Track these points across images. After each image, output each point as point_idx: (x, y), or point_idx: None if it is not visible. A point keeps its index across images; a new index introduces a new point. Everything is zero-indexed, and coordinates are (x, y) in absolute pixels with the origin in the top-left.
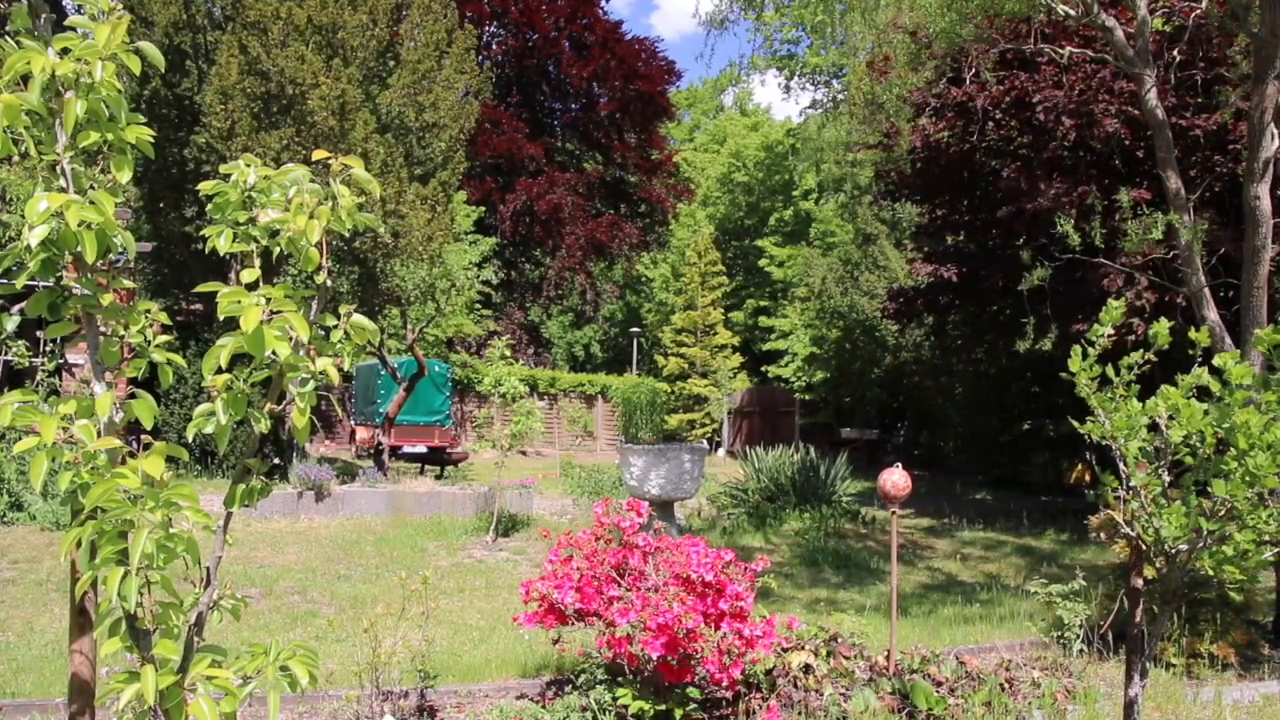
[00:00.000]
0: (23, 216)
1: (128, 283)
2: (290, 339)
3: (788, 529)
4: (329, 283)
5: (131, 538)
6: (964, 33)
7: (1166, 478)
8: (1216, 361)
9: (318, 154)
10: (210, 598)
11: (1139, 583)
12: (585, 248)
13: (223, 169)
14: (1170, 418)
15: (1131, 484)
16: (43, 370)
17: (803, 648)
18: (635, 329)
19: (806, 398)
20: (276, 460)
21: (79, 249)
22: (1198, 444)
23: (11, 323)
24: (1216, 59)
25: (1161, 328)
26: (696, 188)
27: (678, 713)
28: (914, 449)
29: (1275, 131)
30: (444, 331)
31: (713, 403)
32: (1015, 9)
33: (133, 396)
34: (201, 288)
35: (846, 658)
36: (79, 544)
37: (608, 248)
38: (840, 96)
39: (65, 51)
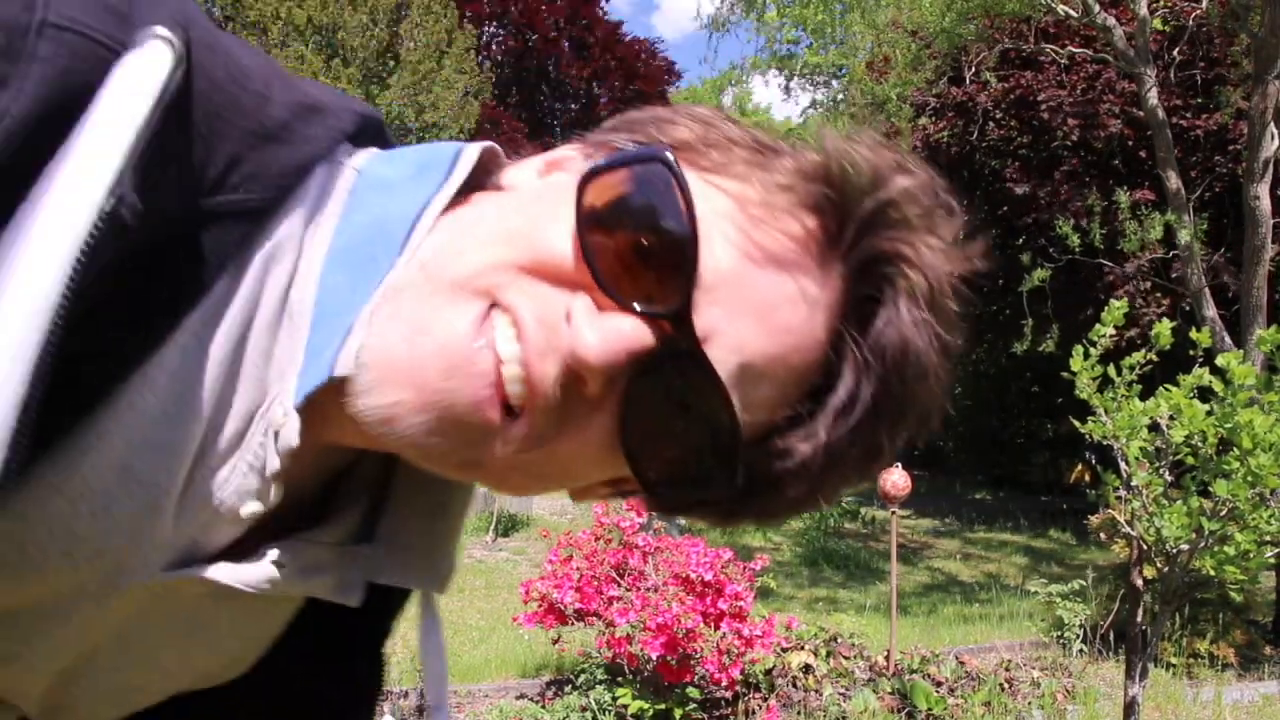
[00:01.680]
0: None
1: None
2: None
3: (788, 528)
4: None
5: None
6: (965, 32)
7: (1168, 477)
8: (1219, 362)
9: None
10: None
11: (1139, 583)
12: None
13: None
14: (1172, 418)
15: (1133, 484)
16: None
17: (802, 648)
18: None
19: None
20: None
21: None
22: (1199, 444)
23: None
24: (1217, 59)
25: (1164, 328)
26: None
27: (677, 713)
28: (914, 449)
29: (1275, 131)
30: None
31: None
32: (1016, 9)
33: None
34: None
35: (846, 658)
36: None
37: None
38: (840, 97)
39: None
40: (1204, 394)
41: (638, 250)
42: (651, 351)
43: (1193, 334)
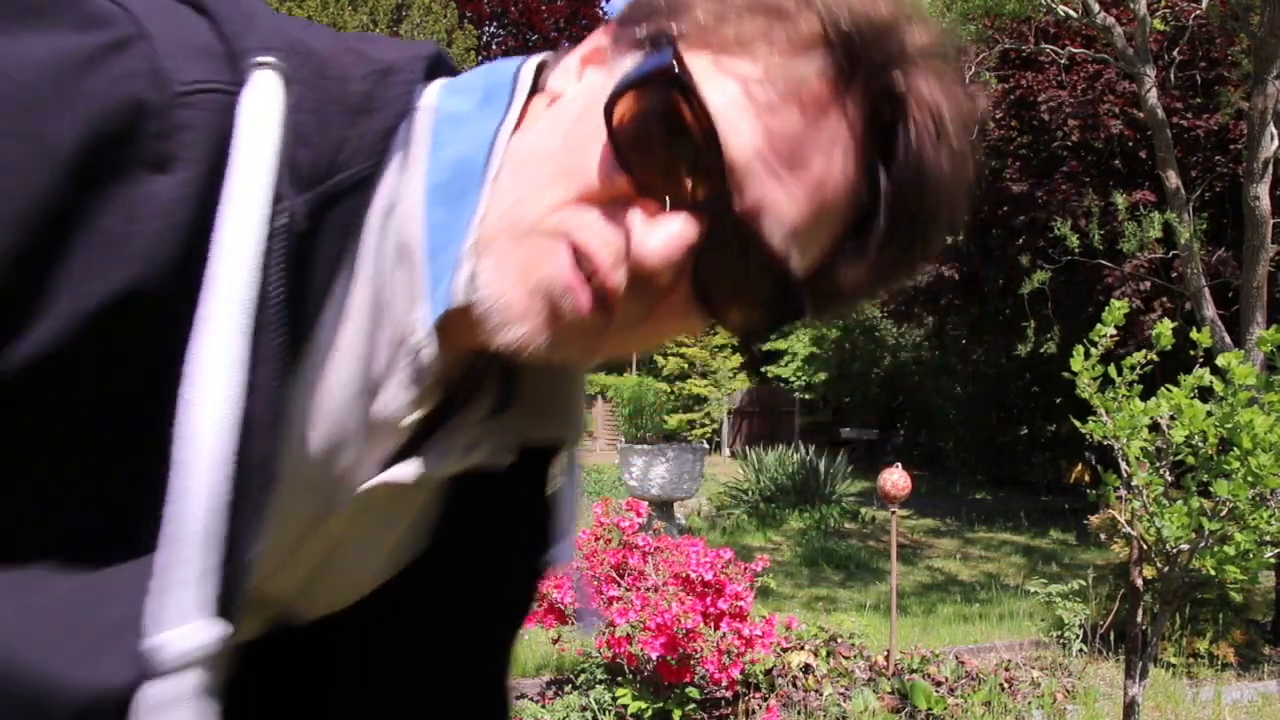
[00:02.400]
0: None
1: None
2: None
3: (788, 528)
4: None
5: None
6: (965, 32)
7: (1168, 477)
8: (1220, 362)
9: None
10: None
11: (1139, 583)
12: None
13: None
14: (1172, 418)
15: (1133, 484)
16: None
17: (802, 647)
18: None
19: (806, 397)
20: None
21: None
22: (1200, 444)
23: None
24: (1217, 59)
25: (1165, 329)
26: None
27: (677, 713)
28: (914, 449)
29: (1275, 131)
30: None
31: (712, 403)
32: (1016, 9)
33: None
34: None
35: (846, 657)
36: None
37: None
38: None
39: None
40: (1204, 394)
41: (672, 155)
42: (706, 236)
43: (1193, 334)
